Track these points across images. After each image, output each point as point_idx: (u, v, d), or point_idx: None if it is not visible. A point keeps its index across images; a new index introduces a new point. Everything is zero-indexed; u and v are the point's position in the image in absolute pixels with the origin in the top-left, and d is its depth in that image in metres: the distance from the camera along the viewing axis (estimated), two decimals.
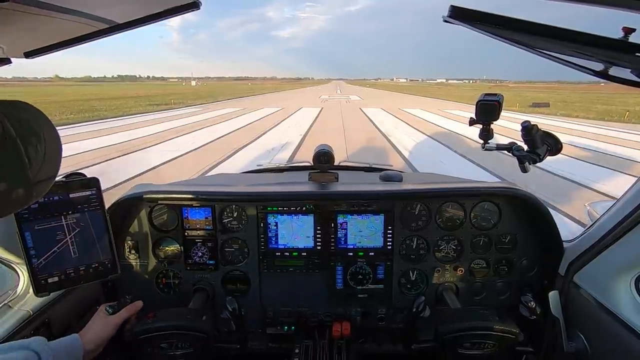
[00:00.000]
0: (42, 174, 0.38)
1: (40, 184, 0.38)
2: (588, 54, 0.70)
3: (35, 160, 0.37)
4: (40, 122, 0.39)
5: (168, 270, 1.60)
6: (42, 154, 0.38)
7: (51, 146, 0.40)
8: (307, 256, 1.58)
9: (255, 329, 1.63)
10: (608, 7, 0.61)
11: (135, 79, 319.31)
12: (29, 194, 0.37)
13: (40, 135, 0.38)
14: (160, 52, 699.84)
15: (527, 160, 1.14)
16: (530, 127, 1.10)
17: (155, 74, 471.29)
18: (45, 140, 0.39)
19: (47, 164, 0.39)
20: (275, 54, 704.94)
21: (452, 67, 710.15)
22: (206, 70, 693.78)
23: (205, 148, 11.62)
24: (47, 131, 0.39)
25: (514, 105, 28.10)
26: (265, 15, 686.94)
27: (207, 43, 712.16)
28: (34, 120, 0.38)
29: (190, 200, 1.54)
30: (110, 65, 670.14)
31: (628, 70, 0.72)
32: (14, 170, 0.35)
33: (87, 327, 1.16)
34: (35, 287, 1.12)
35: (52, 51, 0.97)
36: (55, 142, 0.41)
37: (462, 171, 7.58)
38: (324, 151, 1.66)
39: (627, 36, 0.63)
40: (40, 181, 0.38)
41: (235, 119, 20.31)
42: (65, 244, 1.16)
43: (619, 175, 8.33)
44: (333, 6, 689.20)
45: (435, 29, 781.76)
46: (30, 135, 0.37)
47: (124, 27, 0.90)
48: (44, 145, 0.38)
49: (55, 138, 0.41)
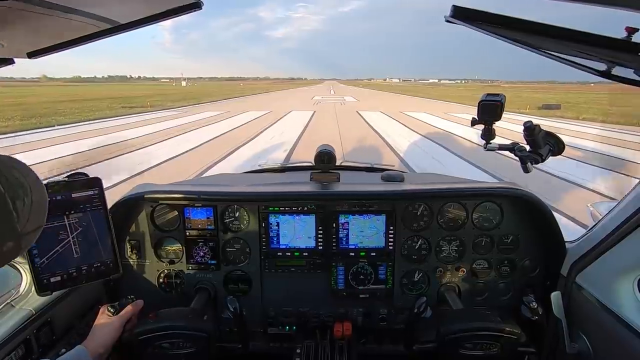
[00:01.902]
0: (29, 225, 0.38)
1: (28, 235, 0.38)
2: (591, 53, 0.70)
3: (23, 213, 0.37)
4: (26, 174, 0.39)
5: (170, 270, 1.60)
6: (29, 206, 0.38)
7: (37, 197, 0.40)
8: (308, 256, 1.58)
9: (256, 329, 1.63)
10: (611, 7, 0.61)
11: (126, 79, 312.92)
12: (18, 246, 0.37)
13: (27, 188, 0.38)
14: (152, 53, 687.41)
15: (530, 160, 1.13)
16: (532, 127, 1.09)
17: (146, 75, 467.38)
18: (32, 192, 0.39)
19: (34, 215, 0.39)
20: (268, 54, 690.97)
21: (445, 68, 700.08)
22: (199, 70, 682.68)
23: (158, 169, 8.79)
24: (32, 183, 0.40)
25: (524, 108, 25.81)
26: (258, 16, 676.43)
27: (200, 43, 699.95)
28: (20, 173, 0.38)
29: (192, 200, 1.54)
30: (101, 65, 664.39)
31: (631, 70, 0.72)
32: (2, 225, 0.35)
33: (93, 331, 1.16)
34: (38, 286, 1.13)
35: (55, 51, 0.97)
36: (41, 193, 0.41)
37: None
38: (326, 151, 1.66)
39: (630, 36, 0.62)
40: (28, 232, 0.38)
41: (211, 125, 17.35)
42: (68, 244, 1.17)
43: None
44: (326, 7, 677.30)
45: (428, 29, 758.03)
46: (17, 189, 0.37)
47: (126, 28, 0.90)
48: (31, 198, 0.39)
49: (41, 189, 0.42)
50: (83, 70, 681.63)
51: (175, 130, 15.40)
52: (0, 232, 0.35)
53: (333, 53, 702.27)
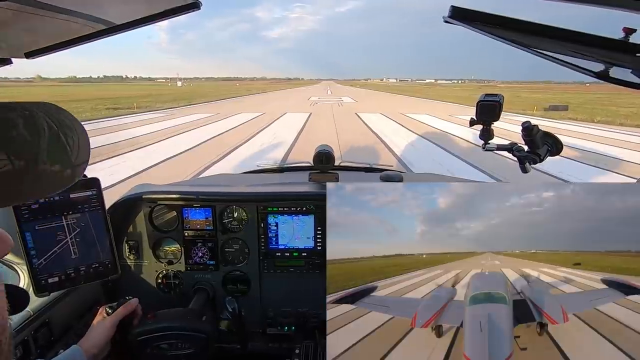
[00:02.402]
0: (79, 158, 0.47)
1: (79, 166, 0.47)
2: (588, 54, 0.70)
3: (74, 148, 0.46)
4: (70, 118, 0.48)
5: (168, 271, 1.60)
6: (77, 143, 0.47)
7: (81, 136, 0.48)
8: (307, 256, 1.58)
9: (255, 329, 1.63)
10: (608, 7, 0.61)
11: (121, 79, 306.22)
12: (74, 174, 0.46)
13: (72, 128, 0.47)
14: (149, 53, 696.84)
15: (528, 160, 1.14)
16: (530, 127, 1.10)
17: (142, 75, 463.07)
18: (77, 131, 0.47)
19: (81, 150, 0.47)
20: (265, 54, 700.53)
21: (441, 68, 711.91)
22: (195, 70, 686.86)
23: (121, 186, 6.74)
24: (76, 124, 0.48)
25: (530, 109, 24.17)
26: (254, 16, 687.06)
27: (196, 43, 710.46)
28: (65, 116, 0.47)
29: (190, 201, 1.54)
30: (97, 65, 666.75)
31: (629, 71, 0.72)
32: (62, 155, 0.44)
33: (88, 332, 1.16)
34: (36, 287, 1.12)
35: (54, 51, 0.97)
36: (83, 133, 0.49)
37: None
38: (324, 151, 1.66)
39: (628, 37, 0.63)
40: (79, 164, 0.47)
41: (199, 128, 15.93)
42: (66, 244, 1.16)
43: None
44: (323, 7, 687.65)
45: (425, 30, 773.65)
46: (65, 128, 0.45)
47: (125, 28, 0.90)
48: (78, 136, 0.47)
49: (82, 129, 0.50)
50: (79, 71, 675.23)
51: (157, 135, 13.84)
52: (62, 162, 0.44)
53: (330, 53, 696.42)
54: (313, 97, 42.57)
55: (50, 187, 0.46)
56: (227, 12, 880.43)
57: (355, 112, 24.08)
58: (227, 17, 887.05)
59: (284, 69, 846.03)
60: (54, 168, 0.44)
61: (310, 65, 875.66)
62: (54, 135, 0.44)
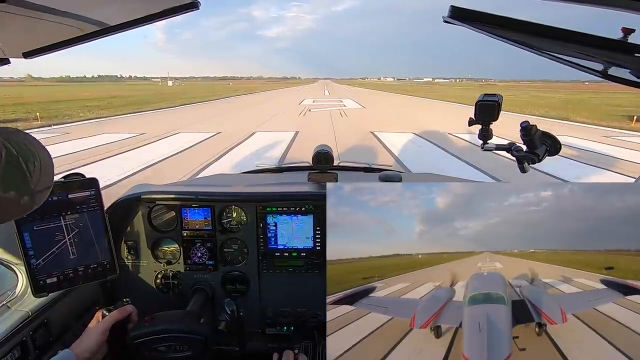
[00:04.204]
0: (40, 184, 0.45)
1: (40, 192, 0.46)
2: (588, 54, 0.70)
3: (34, 174, 0.45)
4: (34, 143, 0.46)
5: (167, 271, 1.59)
6: (38, 168, 0.46)
7: (45, 163, 0.47)
8: (306, 257, 1.58)
9: (254, 330, 1.63)
10: (608, 7, 0.62)
11: (116, 79, 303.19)
12: (32, 201, 0.45)
13: (35, 154, 0.46)
14: (144, 52, 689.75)
15: (526, 160, 1.14)
16: (529, 127, 1.10)
17: (137, 74, 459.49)
18: (39, 156, 0.47)
19: (43, 175, 0.46)
20: (262, 53, 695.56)
21: (439, 67, 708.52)
22: (191, 70, 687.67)
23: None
24: (40, 151, 0.47)
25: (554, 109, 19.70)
26: (251, 15, 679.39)
27: (193, 43, 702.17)
28: (29, 142, 0.46)
29: (189, 201, 1.54)
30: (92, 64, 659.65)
31: (627, 71, 0.73)
32: (19, 182, 0.43)
33: (82, 336, 1.14)
34: (34, 287, 1.12)
35: (51, 51, 0.97)
36: (47, 159, 0.48)
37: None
38: (324, 151, 1.66)
39: (627, 37, 0.63)
40: (40, 190, 0.46)
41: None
42: (64, 245, 1.16)
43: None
44: (319, 6, 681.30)
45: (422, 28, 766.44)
46: (28, 154, 0.44)
47: (124, 27, 0.90)
48: (40, 161, 0.46)
49: (48, 156, 0.49)
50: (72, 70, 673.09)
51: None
52: (18, 188, 0.42)
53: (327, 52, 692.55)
54: (307, 100, 32.03)
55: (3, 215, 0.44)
56: (224, 11, 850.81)
57: (370, 130, 14.26)
58: (224, 16, 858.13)
59: (281, 68, 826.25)
60: (7, 195, 0.42)
61: (307, 65, 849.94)
62: (12, 161, 0.42)
